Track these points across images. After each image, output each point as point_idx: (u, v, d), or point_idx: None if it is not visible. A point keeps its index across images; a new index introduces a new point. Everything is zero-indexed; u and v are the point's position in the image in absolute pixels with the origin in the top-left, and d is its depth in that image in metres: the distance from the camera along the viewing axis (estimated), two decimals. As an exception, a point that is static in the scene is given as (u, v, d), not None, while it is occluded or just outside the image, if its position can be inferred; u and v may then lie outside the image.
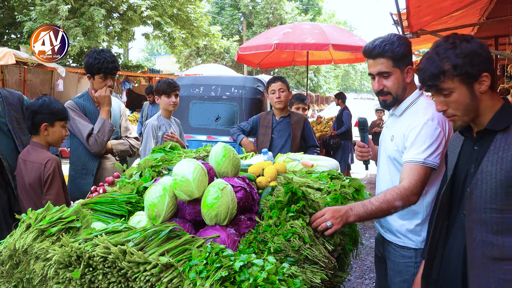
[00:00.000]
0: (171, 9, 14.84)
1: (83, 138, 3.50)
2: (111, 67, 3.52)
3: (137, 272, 1.66)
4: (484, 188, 1.76)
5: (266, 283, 1.64)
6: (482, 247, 1.77)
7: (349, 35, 9.57)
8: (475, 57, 1.77)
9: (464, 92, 1.81)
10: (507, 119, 1.79)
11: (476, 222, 1.79)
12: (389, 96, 2.48)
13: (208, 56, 29.77)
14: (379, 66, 2.43)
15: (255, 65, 11.07)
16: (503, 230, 1.72)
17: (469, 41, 1.78)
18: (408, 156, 2.30)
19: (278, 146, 4.36)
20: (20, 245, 1.82)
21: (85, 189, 3.49)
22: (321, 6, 34.21)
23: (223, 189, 2.10)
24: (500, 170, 1.71)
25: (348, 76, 54.46)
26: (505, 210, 1.70)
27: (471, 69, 1.77)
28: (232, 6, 31.79)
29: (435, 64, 1.82)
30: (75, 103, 3.61)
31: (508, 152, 1.71)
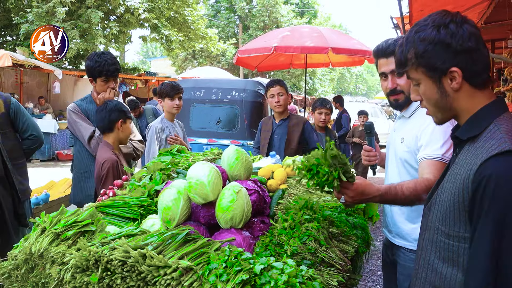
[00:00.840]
0: (168, 12, 14.82)
1: (84, 140, 3.48)
2: (113, 69, 3.51)
3: (157, 276, 1.64)
4: (439, 206, 1.51)
5: (287, 286, 1.64)
6: (427, 270, 1.57)
7: (348, 38, 9.62)
8: (441, 47, 1.45)
9: (431, 86, 1.52)
10: (475, 127, 1.47)
11: (428, 242, 1.58)
12: (401, 95, 2.48)
13: (204, 59, 29.79)
14: (393, 64, 2.39)
15: (253, 67, 11.09)
16: (448, 258, 1.47)
17: (439, 27, 1.45)
18: (425, 153, 2.28)
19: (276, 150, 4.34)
20: (36, 249, 1.81)
21: (88, 193, 3.51)
22: (317, 9, 34.34)
23: (238, 192, 2.09)
24: (451, 189, 1.46)
25: (343, 79, 54.65)
26: (452, 236, 1.45)
27: (433, 61, 1.47)
28: (228, 9, 31.85)
29: (401, 49, 1.58)
30: (78, 106, 3.60)
31: (461, 169, 1.43)
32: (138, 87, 17.61)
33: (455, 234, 1.44)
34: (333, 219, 2.25)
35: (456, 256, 1.44)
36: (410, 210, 2.52)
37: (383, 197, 2.05)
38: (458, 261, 1.43)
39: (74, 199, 3.63)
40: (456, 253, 1.44)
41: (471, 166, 1.38)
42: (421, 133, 2.37)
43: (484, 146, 1.39)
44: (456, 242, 1.44)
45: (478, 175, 1.34)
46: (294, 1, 32.96)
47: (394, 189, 2.09)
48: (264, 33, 28.20)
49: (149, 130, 4.20)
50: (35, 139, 3.57)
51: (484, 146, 1.39)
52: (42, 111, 13.95)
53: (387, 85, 2.50)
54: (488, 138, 1.40)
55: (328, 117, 5.14)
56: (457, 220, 1.43)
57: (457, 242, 1.43)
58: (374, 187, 2.04)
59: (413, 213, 2.51)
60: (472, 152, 1.43)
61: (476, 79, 1.47)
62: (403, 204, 2.20)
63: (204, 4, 18.33)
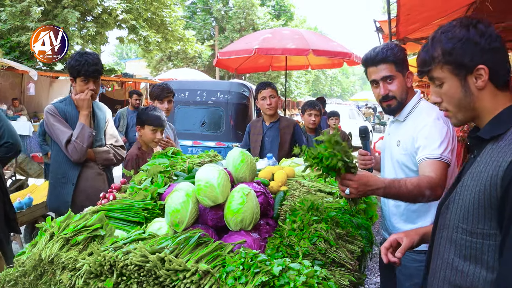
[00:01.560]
0: (146, 13, 14.66)
1: (62, 145, 3.31)
2: (92, 69, 3.33)
3: (176, 280, 1.63)
4: (460, 204, 1.51)
5: (305, 287, 1.65)
6: (446, 269, 1.56)
7: (328, 40, 9.70)
8: (470, 45, 1.47)
9: (455, 84, 1.53)
10: (499, 126, 1.49)
11: (446, 241, 1.57)
12: (394, 101, 2.53)
13: (180, 60, 29.58)
14: (383, 71, 2.48)
15: (233, 69, 11.07)
16: (471, 256, 1.46)
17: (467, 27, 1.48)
18: (424, 153, 2.32)
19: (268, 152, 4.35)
20: (47, 255, 1.76)
21: (65, 199, 3.34)
22: (293, 12, 34.55)
23: (247, 194, 2.09)
24: (475, 187, 1.45)
25: (318, 81, 55.12)
26: (475, 233, 1.45)
27: (461, 58, 1.49)
28: (204, 10, 31.71)
29: (426, 48, 1.59)
30: (56, 107, 3.41)
31: (487, 167, 1.43)
32: (114, 89, 17.34)
33: (479, 231, 1.43)
34: (338, 219, 2.27)
35: (480, 254, 1.43)
36: (410, 211, 2.56)
37: (386, 189, 2.08)
38: (482, 258, 1.43)
39: (50, 205, 3.46)
40: (480, 250, 1.44)
41: (499, 164, 1.39)
42: (417, 135, 2.41)
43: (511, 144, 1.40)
44: (480, 239, 1.43)
45: (509, 173, 1.34)
46: (270, 4, 33.07)
47: (398, 183, 2.13)
48: (241, 35, 28.26)
49: None
50: (11, 146, 3.31)
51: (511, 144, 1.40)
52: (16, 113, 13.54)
53: (379, 92, 2.54)
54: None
55: (318, 119, 5.18)
56: (482, 217, 1.42)
57: (481, 239, 1.43)
58: (378, 179, 2.09)
59: (413, 214, 2.55)
60: (498, 151, 1.43)
61: (499, 80, 1.50)
62: (406, 200, 2.22)
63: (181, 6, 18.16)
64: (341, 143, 1.99)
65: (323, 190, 2.73)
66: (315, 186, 2.75)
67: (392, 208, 2.65)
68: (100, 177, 3.47)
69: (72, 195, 3.35)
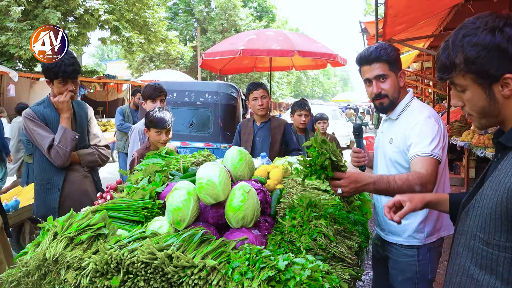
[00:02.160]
0: (128, 13, 14.53)
1: (44, 150, 3.21)
2: (70, 70, 3.19)
3: (184, 277, 1.64)
4: (479, 212, 1.45)
5: (310, 281, 1.68)
6: (462, 275, 1.52)
7: (313, 41, 9.79)
8: (496, 53, 1.35)
9: (479, 93, 1.44)
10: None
11: (464, 247, 1.53)
12: (386, 99, 2.59)
13: (162, 61, 29.42)
14: (377, 70, 2.53)
15: (217, 70, 11.10)
16: (486, 266, 1.42)
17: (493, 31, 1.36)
18: (415, 151, 2.38)
19: (259, 152, 4.38)
20: (51, 254, 1.76)
21: (52, 205, 3.27)
22: (275, 13, 34.70)
23: (248, 192, 2.11)
24: (493, 196, 1.39)
25: (300, 82, 55.45)
26: (491, 244, 1.40)
27: (486, 67, 1.38)
28: (186, 11, 31.61)
29: (447, 53, 1.47)
30: (34, 111, 3.27)
31: (506, 178, 1.36)
32: (96, 90, 17.14)
33: (495, 242, 1.39)
34: (336, 216, 2.32)
35: (495, 265, 1.40)
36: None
37: (376, 184, 2.12)
38: (497, 270, 1.39)
39: (38, 212, 3.35)
40: (495, 262, 1.40)
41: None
42: (409, 133, 2.47)
43: None
44: (496, 251, 1.39)
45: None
46: (252, 5, 33.15)
47: (387, 178, 2.19)
48: (223, 36, 28.27)
49: (132, 132, 4.13)
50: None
51: None
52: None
53: (372, 90, 2.60)
54: None
55: (308, 119, 5.22)
56: (498, 228, 1.38)
57: (497, 250, 1.39)
58: (366, 175, 2.14)
59: None
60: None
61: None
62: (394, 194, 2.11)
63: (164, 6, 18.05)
64: (328, 142, 2.07)
65: (319, 187, 2.78)
66: (311, 184, 2.80)
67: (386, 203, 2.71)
68: (87, 179, 3.40)
69: (59, 200, 3.27)
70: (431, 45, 9.57)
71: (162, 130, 3.64)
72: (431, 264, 2.60)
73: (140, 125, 4.13)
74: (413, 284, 2.59)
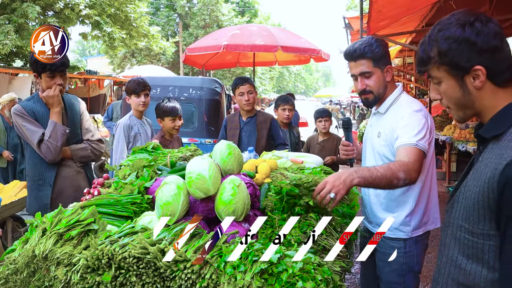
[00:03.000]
0: (110, 8, 14.32)
1: (34, 145, 3.19)
2: (59, 63, 3.17)
3: (176, 271, 1.64)
4: (463, 203, 1.51)
5: (303, 273, 1.69)
6: (450, 266, 1.58)
7: (297, 37, 9.80)
8: (466, 45, 1.44)
9: (453, 84, 1.52)
10: (499, 126, 1.47)
11: (451, 238, 1.59)
12: (371, 95, 2.62)
13: (144, 57, 29.14)
14: (361, 67, 2.56)
15: (200, 66, 11.06)
16: (473, 255, 1.48)
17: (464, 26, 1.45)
18: (400, 141, 2.40)
19: (245, 147, 4.37)
20: (40, 251, 1.73)
21: (44, 202, 3.25)
22: (257, 8, 34.66)
23: (239, 186, 2.11)
24: (475, 187, 1.45)
25: (282, 78, 55.50)
26: (476, 234, 1.46)
27: (457, 59, 1.46)
28: (168, 7, 31.33)
29: (423, 47, 1.56)
30: (23, 107, 3.24)
31: (486, 168, 1.43)
32: (77, 86, 16.87)
33: (479, 231, 1.45)
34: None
35: (481, 253, 1.45)
36: (390, 200, 2.66)
37: (358, 172, 2.08)
38: (483, 258, 1.45)
39: (30, 208, 3.32)
40: (480, 250, 1.45)
41: (496, 166, 1.39)
42: (396, 125, 2.49)
43: (508, 146, 1.40)
44: (481, 240, 1.45)
45: (504, 177, 1.35)
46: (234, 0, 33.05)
47: (368, 168, 2.16)
48: (205, 32, 28.10)
49: (117, 127, 4.09)
50: None
51: (508, 146, 1.40)
52: (-28, 112, 12.98)
53: (357, 86, 2.63)
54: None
55: (292, 113, 5.21)
56: (482, 218, 1.43)
57: (481, 239, 1.45)
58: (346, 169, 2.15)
59: (392, 203, 2.65)
60: (497, 152, 1.43)
61: (499, 78, 1.47)
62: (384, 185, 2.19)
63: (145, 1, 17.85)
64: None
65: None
66: (300, 177, 2.80)
67: (373, 197, 2.74)
68: (79, 175, 3.39)
69: (51, 196, 3.24)
70: (413, 40, 9.68)
71: (176, 117, 4.13)
72: (418, 257, 2.64)
73: (124, 120, 4.09)
74: (400, 276, 2.63)
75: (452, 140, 7.52)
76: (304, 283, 1.63)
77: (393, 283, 2.64)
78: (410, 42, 9.76)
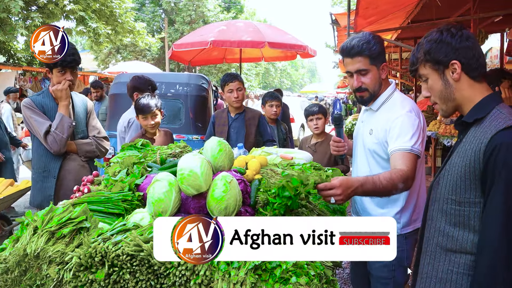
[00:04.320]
0: (94, 3, 14.14)
1: (41, 136, 3.30)
2: (70, 59, 3.27)
3: (170, 268, 1.64)
4: (449, 178, 1.78)
5: (296, 268, 1.71)
6: (438, 236, 1.82)
7: (283, 33, 9.80)
8: (443, 44, 1.79)
9: (437, 78, 1.84)
10: (481, 111, 1.76)
11: (437, 212, 1.83)
12: (366, 93, 2.61)
13: (129, 53, 28.87)
14: (358, 64, 2.53)
15: (187, 62, 11.02)
16: (459, 223, 1.74)
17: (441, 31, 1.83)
18: (396, 145, 2.41)
19: (234, 143, 4.37)
20: (32, 249, 1.71)
21: (48, 193, 3.35)
22: (243, 4, 34.56)
23: (230, 182, 2.12)
24: (461, 162, 1.72)
25: (268, 74, 55.53)
26: (463, 203, 1.72)
27: (437, 56, 1.80)
28: (154, 2, 31.07)
29: (413, 52, 1.93)
30: (32, 100, 3.39)
31: (471, 145, 1.71)
32: (62, 83, 16.62)
33: (466, 200, 1.71)
34: (316, 204, 2.35)
35: (467, 220, 1.71)
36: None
37: (363, 186, 2.14)
38: (470, 223, 1.71)
39: (34, 200, 3.42)
40: (467, 217, 1.71)
41: (481, 140, 1.67)
42: (390, 126, 2.49)
43: (491, 125, 1.67)
44: (467, 207, 1.71)
45: (490, 146, 1.62)
46: (220, -4, 32.93)
47: (372, 179, 2.19)
48: (191, 27, 27.94)
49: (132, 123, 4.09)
50: None
51: (491, 125, 1.67)
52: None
53: (353, 83, 2.62)
54: (494, 118, 1.69)
55: (279, 109, 5.19)
56: (468, 187, 1.70)
57: (468, 207, 1.71)
58: (354, 179, 2.15)
59: (384, 199, 2.67)
60: (480, 131, 1.70)
61: (473, 72, 1.79)
62: (381, 195, 2.30)
63: (131, -4, 17.68)
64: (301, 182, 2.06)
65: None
66: (290, 173, 2.81)
67: None
68: (84, 169, 3.46)
69: (55, 188, 3.34)
70: (399, 37, 9.76)
71: (148, 115, 3.81)
72: (408, 252, 2.67)
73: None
74: (390, 271, 2.66)
75: (438, 136, 7.62)
76: (298, 278, 1.65)
77: (383, 278, 2.67)
78: (396, 39, 9.85)
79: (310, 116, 4.39)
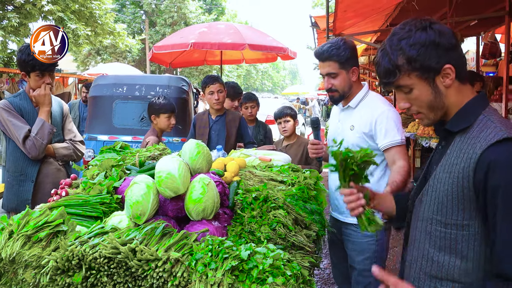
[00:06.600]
0: (74, 4, 13.95)
1: (19, 141, 3.22)
2: (48, 63, 3.23)
3: (148, 270, 1.65)
4: (434, 196, 1.55)
5: (272, 269, 1.74)
6: (422, 260, 1.61)
7: (264, 35, 9.85)
8: (433, 47, 1.48)
9: (425, 88, 1.53)
10: (466, 119, 1.52)
11: (421, 232, 1.61)
12: (336, 93, 2.82)
13: (109, 54, 28.56)
14: (327, 68, 2.76)
15: (167, 64, 10.98)
16: (445, 247, 1.52)
17: (425, 29, 1.49)
18: (387, 141, 2.64)
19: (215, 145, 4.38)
20: (7, 254, 1.70)
21: (25, 197, 3.30)
22: (224, 6, 34.55)
23: (208, 184, 2.14)
24: (448, 179, 1.50)
25: (249, 76, 55.56)
26: (449, 225, 1.50)
27: (428, 62, 1.49)
28: (134, 3, 30.80)
29: (387, 58, 1.54)
30: (10, 102, 3.29)
31: (458, 159, 1.48)
32: (40, 84, 16.33)
33: (452, 222, 1.49)
34: (293, 206, 2.39)
35: (454, 244, 1.50)
36: None
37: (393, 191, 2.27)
38: (456, 248, 1.49)
39: (8, 205, 3.34)
40: (454, 241, 1.50)
41: (470, 156, 1.44)
42: (376, 120, 2.68)
43: (480, 136, 1.45)
44: (454, 230, 1.49)
45: (481, 164, 1.40)
46: (202, -2, 32.85)
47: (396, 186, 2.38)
48: (172, 29, 27.78)
49: None
50: None
51: (480, 136, 1.45)
52: None
53: (324, 84, 2.84)
54: (482, 128, 1.47)
55: (255, 110, 5.21)
56: (456, 208, 1.48)
57: (454, 230, 1.49)
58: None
59: None
60: (467, 142, 1.48)
61: (462, 74, 1.54)
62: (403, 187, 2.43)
63: (111, -3, 17.48)
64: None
65: (275, 179, 2.83)
66: (267, 175, 2.85)
67: None
68: (60, 172, 3.42)
69: (32, 192, 3.29)
70: (378, 39, 9.90)
71: (172, 114, 4.05)
72: (386, 243, 2.89)
73: None
74: (372, 264, 2.73)
75: (416, 137, 7.74)
76: (274, 278, 1.68)
77: (366, 270, 2.76)
78: (375, 41, 9.98)
79: (279, 119, 4.48)
